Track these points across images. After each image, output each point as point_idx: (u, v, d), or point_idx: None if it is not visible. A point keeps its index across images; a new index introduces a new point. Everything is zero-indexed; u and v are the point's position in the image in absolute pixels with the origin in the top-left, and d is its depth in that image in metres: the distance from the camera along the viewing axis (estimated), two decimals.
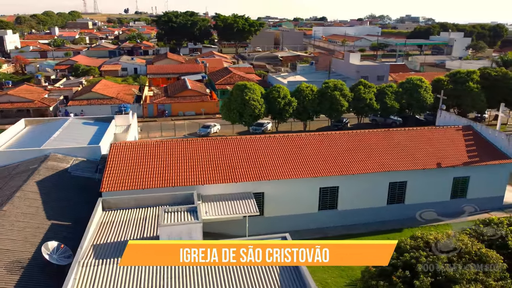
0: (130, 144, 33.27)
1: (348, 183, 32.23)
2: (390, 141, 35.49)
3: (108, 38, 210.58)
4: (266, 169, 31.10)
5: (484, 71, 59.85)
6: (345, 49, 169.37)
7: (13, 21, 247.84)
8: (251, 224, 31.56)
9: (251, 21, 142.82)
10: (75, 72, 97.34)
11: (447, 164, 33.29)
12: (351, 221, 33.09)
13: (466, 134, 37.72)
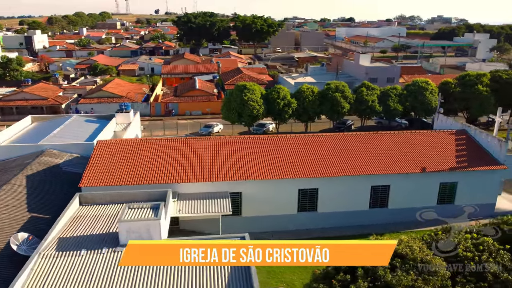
0: (115, 141, 34.24)
1: (328, 185, 31.99)
2: (376, 144, 34.94)
3: (133, 38, 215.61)
4: (243, 169, 31.30)
5: (495, 73, 57.75)
6: (366, 50, 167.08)
7: (46, 21, 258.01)
8: (229, 223, 31.86)
9: (270, 21, 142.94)
10: (93, 71, 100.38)
11: (432, 169, 32.49)
12: (331, 224, 32.80)
13: (458, 138, 36.65)
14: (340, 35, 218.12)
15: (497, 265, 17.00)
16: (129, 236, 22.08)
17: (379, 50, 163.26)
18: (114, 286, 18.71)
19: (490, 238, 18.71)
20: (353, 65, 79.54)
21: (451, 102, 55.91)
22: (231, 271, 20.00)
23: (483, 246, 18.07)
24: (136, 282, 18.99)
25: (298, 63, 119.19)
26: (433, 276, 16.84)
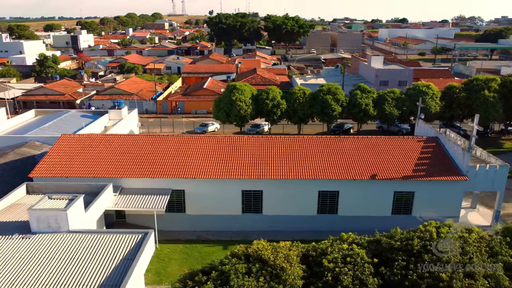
0: (78, 136, 35.94)
1: (273, 188, 31.49)
2: (335, 149, 33.80)
3: (175, 39, 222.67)
4: (187, 167, 31.64)
5: (506, 78, 53.44)
6: (406, 52, 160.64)
7: (99, 22, 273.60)
8: (174, 220, 32.51)
9: (302, 22, 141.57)
10: (121, 69, 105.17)
11: (384, 177, 30.90)
12: (277, 227, 32.21)
13: (427, 146, 34.54)
14: (383, 37, 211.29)
15: (350, 277, 16.13)
16: (39, 224, 23.33)
17: (417, 52, 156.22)
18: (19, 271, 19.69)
19: (363, 250, 17.73)
20: (366, 67, 76.92)
21: (454, 108, 52.62)
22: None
23: (351, 258, 17.17)
24: (40, 268, 19.86)
25: (324, 65, 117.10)
26: (281, 284, 16.31)
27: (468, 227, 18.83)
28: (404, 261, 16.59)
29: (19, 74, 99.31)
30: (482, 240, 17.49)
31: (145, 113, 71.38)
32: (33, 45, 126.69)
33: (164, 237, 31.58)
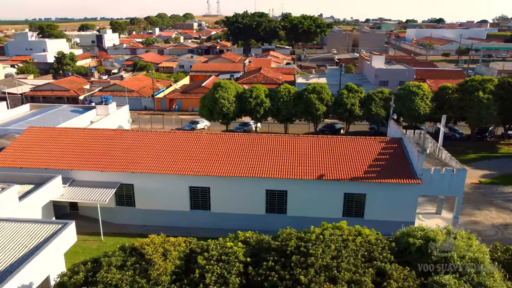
0: (43, 129, 37.01)
1: (219, 185, 31.16)
2: (287, 147, 33.04)
3: (200, 38, 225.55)
4: (137, 162, 31.87)
5: (504, 79, 50.37)
6: (427, 52, 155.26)
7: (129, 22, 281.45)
8: (124, 213, 32.87)
9: (320, 21, 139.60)
10: (134, 67, 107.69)
11: (333, 177, 29.85)
12: (226, 225, 31.74)
13: (388, 147, 33.12)
14: (410, 37, 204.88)
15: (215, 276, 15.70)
16: None
17: (441, 53, 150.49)
18: None
19: (242, 249, 17.20)
20: (368, 67, 74.73)
21: (445, 110, 50.16)
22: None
23: (226, 256, 16.71)
24: None
25: (337, 64, 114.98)
26: (145, 278, 16.13)
27: (360, 230, 17.81)
28: (274, 261, 15.92)
29: (37, 71, 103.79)
30: (366, 245, 16.49)
31: (144, 109, 72.72)
32: (56, 43, 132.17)
33: (113, 230, 31.99)
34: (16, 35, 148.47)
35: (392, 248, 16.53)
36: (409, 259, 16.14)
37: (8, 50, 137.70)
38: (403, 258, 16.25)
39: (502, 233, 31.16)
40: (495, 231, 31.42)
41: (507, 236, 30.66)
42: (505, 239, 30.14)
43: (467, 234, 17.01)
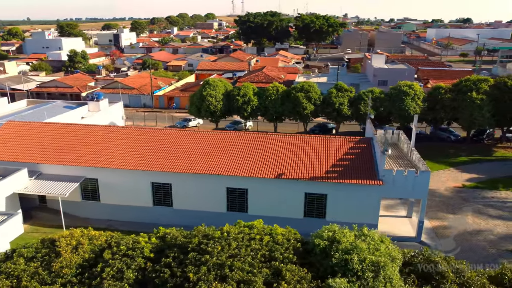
0: (20, 124, 37.85)
1: (181, 182, 31.04)
2: (250, 145, 32.60)
3: (218, 38, 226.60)
4: (101, 157, 32.13)
5: (500, 80, 48.18)
6: (448, 53, 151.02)
7: (149, 21, 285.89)
8: (89, 207, 33.24)
9: (332, 21, 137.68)
10: (143, 66, 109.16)
11: (293, 176, 29.23)
12: (188, 222, 31.32)
13: (356, 147, 32.19)
14: (430, 37, 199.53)
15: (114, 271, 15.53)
16: None
17: (459, 53, 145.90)
18: None
19: (149, 245, 16.99)
20: (369, 67, 73.07)
21: (437, 110, 48.50)
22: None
23: (133, 251, 16.56)
24: None
25: (348, 64, 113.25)
26: (46, 270, 16.17)
27: (272, 229, 17.27)
28: (173, 258, 15.63)
29: (50, 68, 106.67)
30: (271, 244, 15.96)
31: (143, 107, 73.58)
32: (71, 42, 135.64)
33: (77, 224, 32.23)
34: (34, 33, 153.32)
35: (297, 248, 15.91)
36: (313, 260, 15.52)
37: (26, 48, 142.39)
38: (308, 259, 15.64)
39: (470, 239, 29.73)
40: (463, 238, 30.01)
41: (474, 243, 29.23)
42: (473, 246, 28.80)
43: (380, 237, 16.21)
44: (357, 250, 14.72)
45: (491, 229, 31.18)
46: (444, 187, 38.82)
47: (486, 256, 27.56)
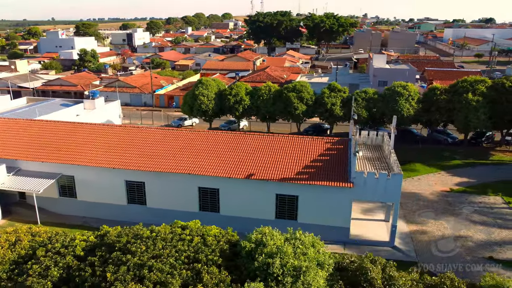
0: (6, 121, 38.54)
1: (154, 180, 31.01)
2: (223, 145, 32.34)
3: (231, 37, 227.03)
4: (77, 154, 32.40)
5: (498, 81, 46.50)
6: (463, 53, 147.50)
7: (165, 21, 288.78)
8: (66, 204, 33.59)
9: (343, 20, 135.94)
10: (149, 65, 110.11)
11: (263, 177, 28.79)
12: (161, 221, 30.97)
13: (332, 148, 31.55)
14: (447, 37, 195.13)
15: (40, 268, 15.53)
16: None
17: (474, 54, 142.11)
18: None
19: (84, 243, 16.93)
20: (370, 67, 71.72)
21: (432, 112, 47.19)
22: None
23: (66, 249, 16.53)
24: None
25: (356, 64, 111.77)
26: None
27: (205, 230, 16.94)
28: (100, 257, 15.50)
29: (61, 67, 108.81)
30: (199, 246, 15.65)
31: (143, 105, 74.19)
32: (83, 41, 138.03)
33: (53, 220, 32.75)
34: (48, 33, 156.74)
35: (224, 251, 15.55)
36: (239, 262, 15.15)
37: (40, 47, 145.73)
38: (234, 261, 15.27)
39: (446, 245, 28.70)
40: (439, 244, 28.99)
41: (450, 249, 28.20)
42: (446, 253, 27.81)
43: (312, 241, 15.70)
44: (281, 254, 14.28)
45: (471, 235, 30.05)
46: (431, 190, 37.68)
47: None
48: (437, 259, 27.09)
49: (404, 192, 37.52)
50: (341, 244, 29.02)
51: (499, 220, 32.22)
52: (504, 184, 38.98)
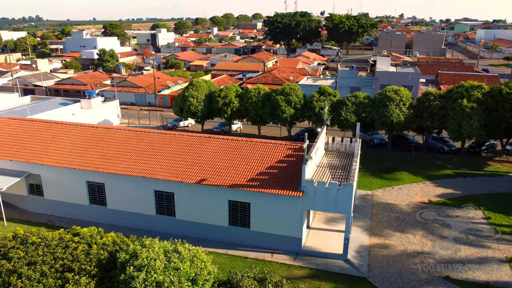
0: None
1: (113, 182, 31.14)
2: (181, 147, 32.07)
3: (256, 38, 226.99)
4: (43, 154, 33.05)
5: (496, 87, 43.67)
6: (492, 55, 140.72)
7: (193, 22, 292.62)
8: (35, 202, 34.43)
9: (363, 21, 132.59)
10: (166, 65, 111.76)
11: (215, 182, 28.27)
12: (122, 223, 31.85)
13: (292, 154, 30.56)
14: (479, 38, 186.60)
15: None
16: None
17: (503, 57, 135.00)
18: None
19: None
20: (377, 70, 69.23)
21: (424, 118, 45.02)
22: None
23: None
24: None
25: (372, 66, 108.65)
26: None
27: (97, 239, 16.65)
28: None
29: (80, 66, 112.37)
30: (78, 254, 15.39)
31: (148, 105, 75.25)
32: (106, 41, 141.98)
33: (21, 217, 33.63)
34: (73, 33, 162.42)
35: (101, 260, 15.21)
36: (113, 274, 14.78)
37: (66, 47, 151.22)
38: (110, 272, 14.92)
39: (404, 261, 27.11)
40: (397, 259, 27.44)
41: (407, 266, 26.59)
42: (403, 269, 26.26)
43: (192, 254, 15.07)
44: (149, 267, 13.78)
45: (435, 251, 28.27)
46: (408, 202, 35.86)
47: (412, 282, 25.02)
48: (388, 275, 25.67)
49: (379, 202, 36.04)
50: (293, 254, 28.06)
51: (471, 237, 30.18)
52: (490, 197, 36.57)
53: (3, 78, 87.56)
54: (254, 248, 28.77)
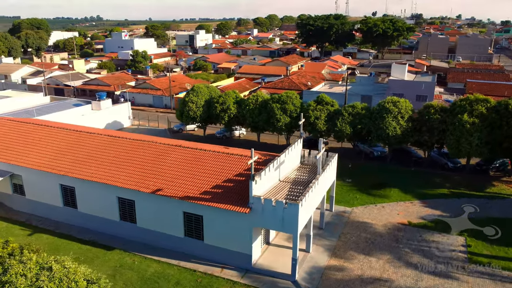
0: None
1: (82, 186, 32.09)
2: (149, 155, 32.40)
3: (295, 40, 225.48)
4: (25, 155, 34.75)
5: (502, 102, 40.15)
6: None
7: (236, 23, 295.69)
8: (18, 201, 36.31)
9: (400, 24, 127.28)
10: (194, 67, 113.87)
11: (170, 193, 28.29)
12: (90, 226, 32.76)
13: (255, 168, 29.85)
14: None
15: None
16: None
17: None
18: None
19: None
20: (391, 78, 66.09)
21: (422, 132, 42.49)
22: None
23: None
24: None
25: None
26: None
27: None
28: None
29: (114, 67, 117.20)
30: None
31: (164, 107, 77.01)
32: (143, 42, 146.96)
33: (2, 214, 35.55)
34: (113, 34, 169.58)
35: None
36: None
37: (105, 48, 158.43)
38: None
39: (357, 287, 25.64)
40: (350, 285, 26.00)
41: None
42: None
43: (65, 272, 15.10)
44: (12, 284, 14.03)
45: (395, 279, 26.50)
46: (385, 222, 33.92)
47: None
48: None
49: (355, 220, 34.43)
50: (242, 271, 27.46)
51: (440, 266, 27.98)
52: (481, 221, 33.71)
53: (39, 78, 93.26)
54: (206, 262, 28.49)
